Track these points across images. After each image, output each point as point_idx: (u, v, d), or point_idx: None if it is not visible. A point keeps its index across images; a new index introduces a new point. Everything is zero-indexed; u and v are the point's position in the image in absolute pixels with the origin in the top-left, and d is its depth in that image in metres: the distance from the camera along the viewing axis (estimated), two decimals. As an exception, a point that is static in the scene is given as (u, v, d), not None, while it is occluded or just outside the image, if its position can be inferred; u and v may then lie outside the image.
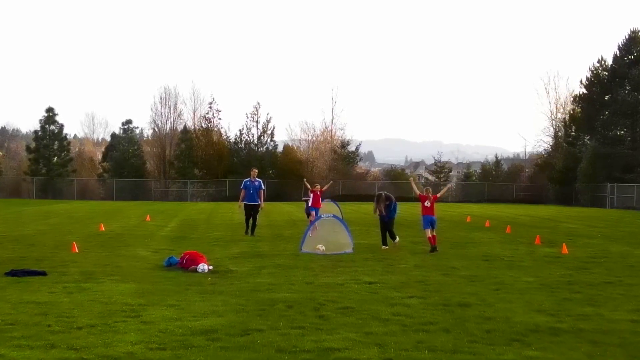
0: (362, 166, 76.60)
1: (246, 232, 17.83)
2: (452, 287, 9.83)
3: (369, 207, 23.01)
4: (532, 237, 17.95)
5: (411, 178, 15.79)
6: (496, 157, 68.71)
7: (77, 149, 72.19)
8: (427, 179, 78.09)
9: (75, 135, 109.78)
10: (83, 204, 41.52)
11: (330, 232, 14.65)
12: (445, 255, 13.99)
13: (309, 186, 20.77)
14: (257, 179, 17.91)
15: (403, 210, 33.29)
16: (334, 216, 15.10)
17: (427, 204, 14.64)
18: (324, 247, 13.98)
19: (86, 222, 23.11)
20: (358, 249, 14.61)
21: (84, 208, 35.40)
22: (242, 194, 17.81)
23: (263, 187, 18.12)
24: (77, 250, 13.88)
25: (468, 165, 77.45)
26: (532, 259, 13.49)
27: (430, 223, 14.55)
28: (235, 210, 20.09)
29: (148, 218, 24.75)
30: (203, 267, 11.34)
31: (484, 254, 14.21)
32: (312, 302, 8.56)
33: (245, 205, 17.79)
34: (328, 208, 22.73)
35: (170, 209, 35.03)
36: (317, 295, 9.07)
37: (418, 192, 15.54)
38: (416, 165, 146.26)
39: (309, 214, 20.19)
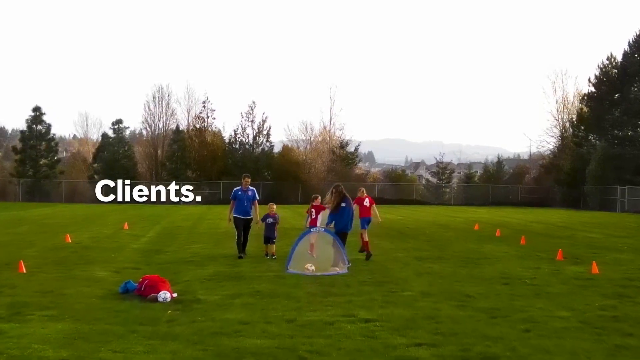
0: (361, 167, 74.65)
1: (240, 256, 14.27)
2: (471, 327, 7.75)
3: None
4: (552, 250, 15.91)
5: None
6: (498, 158, 66.69)
7: (75, 149, 70.34)
8: (428, 180, 76.07)
9: (75, 135, 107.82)
10: (66, 208, 39.47)
11: (321, 248, 12.58)
12: (457, 276, 11.90)
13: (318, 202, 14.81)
14: (250, 187, 14.89)
15: (406, 215, 31.38)
16: (326, 230, 12.97)
17: (367, 203, 14.74)
18: (313, 267, 11.89)
19: (56, 231, 20.97)
20: (354, 266, 12.57)
21: (64, 213, 33.30)
22: (232, 205, 14.75)
23: (257, 198, 15.06)
24: (24, 270, 11.78)
25: (469, 165, 75.19)
26: (559, 282, 11.39)
27: (367, 223, 14.65)
28: (224, 217, 17.53)
29: (126, 226, 22.61)
30: (165, 295, 9.32)
31: (501, 275, 12.11)
32: (291, 354, 6.51)
33: (237, 220, 14.58)
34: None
35: (156, 214, 32.89)
36: (298, 341, 7.00)
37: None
38: (416, 165, 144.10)
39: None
